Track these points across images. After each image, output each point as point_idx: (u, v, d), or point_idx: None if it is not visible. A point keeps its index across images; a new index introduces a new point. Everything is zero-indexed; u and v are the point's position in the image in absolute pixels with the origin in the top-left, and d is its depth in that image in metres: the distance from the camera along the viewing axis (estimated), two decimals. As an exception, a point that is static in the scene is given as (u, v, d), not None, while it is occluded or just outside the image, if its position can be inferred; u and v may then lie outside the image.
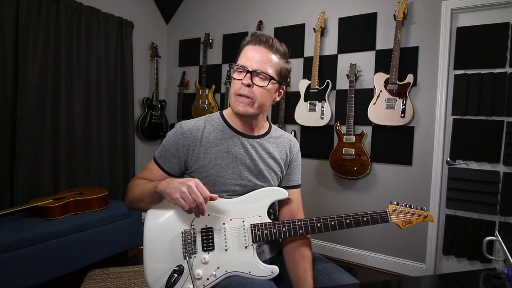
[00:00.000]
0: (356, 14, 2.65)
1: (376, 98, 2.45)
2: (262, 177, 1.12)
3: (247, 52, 1.05)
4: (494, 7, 2.20)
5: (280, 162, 1.17)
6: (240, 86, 1.03)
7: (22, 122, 2.39)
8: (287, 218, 1.16)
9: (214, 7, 3.39)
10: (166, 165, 1.11)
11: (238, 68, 1.05)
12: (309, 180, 2.85)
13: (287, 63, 1.10)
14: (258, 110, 1.06)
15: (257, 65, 1.02)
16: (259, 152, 1.13)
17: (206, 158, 1.08)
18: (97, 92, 2.95)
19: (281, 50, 1.07)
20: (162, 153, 1.11)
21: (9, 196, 2.39)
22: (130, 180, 1.18)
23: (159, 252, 1.02)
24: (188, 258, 0.98)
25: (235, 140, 1.11)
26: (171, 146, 1.09)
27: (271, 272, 1.02)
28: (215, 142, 1.09)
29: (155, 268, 1.01)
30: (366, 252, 2.66)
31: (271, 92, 1.07)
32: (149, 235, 1.03)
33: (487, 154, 2.22)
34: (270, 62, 1.04)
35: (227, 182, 1.08)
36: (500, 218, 2.21)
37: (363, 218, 1.04)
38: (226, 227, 1.04)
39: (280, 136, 1.21)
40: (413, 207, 1.05)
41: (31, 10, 2.41)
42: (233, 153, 1.10)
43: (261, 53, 1.03)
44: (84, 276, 2.22)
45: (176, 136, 1.09)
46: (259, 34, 1.05)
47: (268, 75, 1.03)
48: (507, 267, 0.84)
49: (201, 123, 1.12)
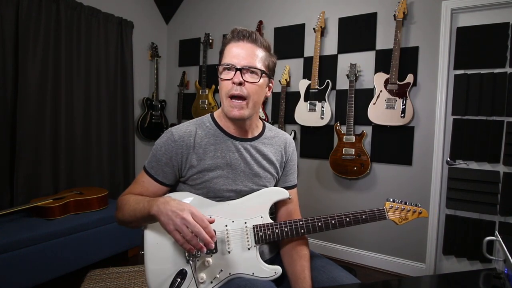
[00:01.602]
0: (356, 14, 2.65)
1: (376, 98, 2.45)
2: (258, 181, 1.10)
3: (231, 49, 1.00)
4: (494, 7, 2.20)
5: (276, 164, 1.15)
6: (231, 86, 0.98)
7: (22, 122, 2.38)
8: (284, 218, 1.15)
9: (214, 7, 3.39)
10: (159, 175, 1.06)
11: (225, 67, 1.00)
12: (309, 180, 2.85)
13: (272, 56, 1.06)
14: (253, 110, 1.03)
15: (245, 61, 0.98)
16: (253, 155, 1.10)
17: (199, 165, 1.04)
18: (97, 92, 2.95)
19: (265, 44, 1.04)
20: (154, 164, 1.06)
21: (9, 196, 2.39)
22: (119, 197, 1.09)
23: (161, 256, 1.00)
24: (191, 262, 0.96)
25: (229, 144, 1.08)
26: (163, 155, 1.04)
27: (274, 273, 1.02)
28: (208, 148, 1.06)
29: (158, 272, 0.99)
30: (366, 252, 2.66)
31: (263, 88, 1.04)
32: (150, 240, 1.02)
33: (487, 154, 2.22)
34: (257, 56, 1.00)
35: (221, 189, 1.06)
36: (500, 218, 2.21)
37: (362, 216, 1.06)
38: (228, 229, 1.03)
39: (275, 135, 1.18)
40: (408, 204, 1.10)
41: (31, 10, 2.41)
42: (227, 158, 1.07)
43: (247, 48, 0.99)
44: (84, 276, 2.22)
45: (168, 144, 1.04)
46: (240, 30, 1.01)
47: (259, 69, 0.99)
48: (507, 267, 0.84)
49: (192, 128, 1.07)
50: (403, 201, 1.10)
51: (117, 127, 3.15)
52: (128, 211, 1.01)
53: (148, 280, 0.99)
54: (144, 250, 1.01)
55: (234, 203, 1.07)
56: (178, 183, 1.11)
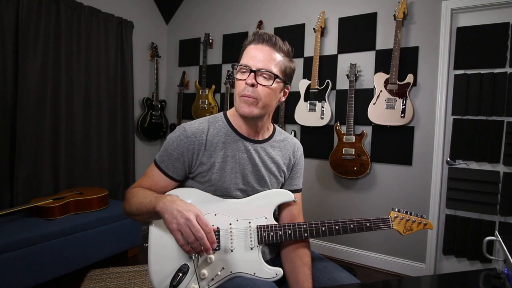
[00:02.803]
0: (356, 14, 2.65)
1: (376, 98, 2.45)
2: (264, 183, 1.11)
3: (249, 51, 1.02)
4: (494, 7, 2.20)
5: (283, 167, 1.16)
6: (244, 86, 0.99)
7: (22, 122, 2.38)
8: (287, 221, 1.15)
9: (214, 7, 3.39)
10: (169, 170, 1.06)
11: (241, 68, 1.01)
12: (309, 180, 2.85)
13: (291, 62, 1.06)
14: (263, 110, 1.03)
15: (260, 64, 0.99)
16: (262, 157, 1.11)
17: (209, 162, 1.05)
18: (97, 92, 2.95)
19: (285, 49, 1.04)
20: (165, 158, 1.06)
21: (9, 196, 2.39)
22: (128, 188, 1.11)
23: (165, 250, 1.01)
24: (194, 258, 0.96)
25: (239, 144, 1.09)
26: (175, 150, 1.05)
27: (276, 274, 1.03)
28: (219, 146, 1.07)
29: (160, 266, 1.00)
30: (366, 252, 2.66)
31: (276, 92, 1.04)
32: (155, 233, 1.02)
33: (487, 154, 2.22)
34: (274, 60, 1.01)
35: (229, 187, 1.06)
36: (500, 218, 2.21)
37: (366, 223, 1.05)
38: (232, 227, 1.04)
39: (284, 139, 1.19)
40: (413, 215, 1.08)
41: (31, 10, 2.41)
42: (236, 158, 1.07)
43: (264, 51, 1.00)
44: (84, 276, 2.22)
45: (180, 140, 1.05)
46: (261, 33, 1.02)
47: (273, 73, 0.99)
48: (507, 267, 0.84)
49: (205, 125, 1.08)
50: (408, 212, 1.08)
51: (117, 127, 3.15)
52: (135, 204, 1.02)
53: (150, 274, 1.00)
54: (148, 243, 1.02)
55: (240, 202, 1.08)
56: (187, 179, 1.12)
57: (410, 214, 1.07)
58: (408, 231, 1.07)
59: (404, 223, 1.07)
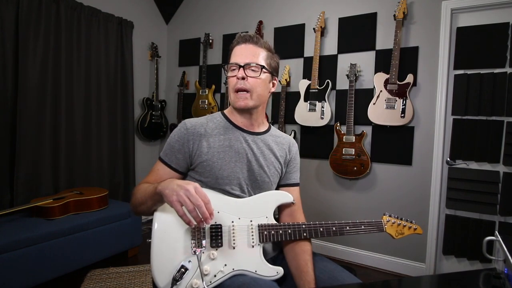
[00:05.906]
0: (356, 14, 2.65)
1: (376, 98, 2.45)
2: (263, 172, 1.16)
3: (236, 51, 1.13)
4: (494, 7, 2.20)
5: (280, 160, 1.22)
6: (236, 81, 1.10)
7: (22, 122, 2.39)
8: (287, 217, 1.20)
9: (214, 7, 3.39)
10: (172, 162, 1.13)
11: (231, 66, 1.12)
12: (309, 180, 2.85)
13: (274, 56, 1.18)
14: (257, 101, 1.13)
15: (247, 59, 1.10)
16: (260, 147, 1.18)
17: (209, 152, 1.11)
18: (97, 92, 2.95)
19: (267, 45, 1.16)
20: (168, 151, 1.14)
21: (9, 196, 2.39)
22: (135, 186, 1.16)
23: (168, 245, 1.01)
24: (197, 253, 0.98)
25: (237, 134, 1.16)
26: (176, 142, 1.12)
27: (276, 273, 1.05)
28: (217, 137, 1.14)
29: (163, 261, 1.00)
30: (366, 252, 2.66)
31: (266, 82, 1.14)
32: (158, 228, 1.03)
33: (487, 154, 2.22)
34: (259, 55, 1.12)
35: (230, 176, 1.11)
36: (500, 218, 2.21)
37: (361, 225, 1.12)
38: (234, 225, 1.06)
39: (280, 136, 1.27)
40: (403, 220, 1.16)
41: (31, 10, 2.41)
42: (235, 147, 1.14)
43: (249, 48, 1.12)
44: (84, 276, 2.22)
45: (181, 132, 1.13)
46: (244, 34, 1.14)
47: (259, 65, 1.10)
48: (507, 267, 0.84)
49: (203, 120, 1.18)
50: (399, 217, 1.16)
51: (117, 127, 3.15)
52: (140, 194, 1.08)
53: (152, 270, 1.00)
54: (151, 239, 1.02)
55: (241, 201, 1.11)
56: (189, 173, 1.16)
57: (400, 219, 1.15)
58: (399, 235, 1.14)
59: (395, 227, 1.14)
